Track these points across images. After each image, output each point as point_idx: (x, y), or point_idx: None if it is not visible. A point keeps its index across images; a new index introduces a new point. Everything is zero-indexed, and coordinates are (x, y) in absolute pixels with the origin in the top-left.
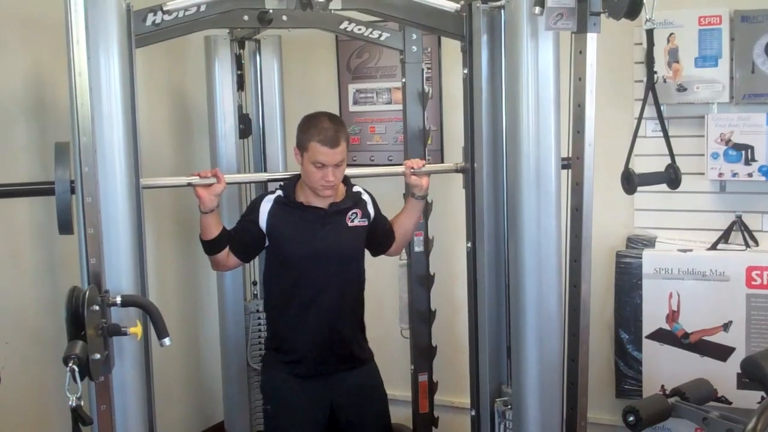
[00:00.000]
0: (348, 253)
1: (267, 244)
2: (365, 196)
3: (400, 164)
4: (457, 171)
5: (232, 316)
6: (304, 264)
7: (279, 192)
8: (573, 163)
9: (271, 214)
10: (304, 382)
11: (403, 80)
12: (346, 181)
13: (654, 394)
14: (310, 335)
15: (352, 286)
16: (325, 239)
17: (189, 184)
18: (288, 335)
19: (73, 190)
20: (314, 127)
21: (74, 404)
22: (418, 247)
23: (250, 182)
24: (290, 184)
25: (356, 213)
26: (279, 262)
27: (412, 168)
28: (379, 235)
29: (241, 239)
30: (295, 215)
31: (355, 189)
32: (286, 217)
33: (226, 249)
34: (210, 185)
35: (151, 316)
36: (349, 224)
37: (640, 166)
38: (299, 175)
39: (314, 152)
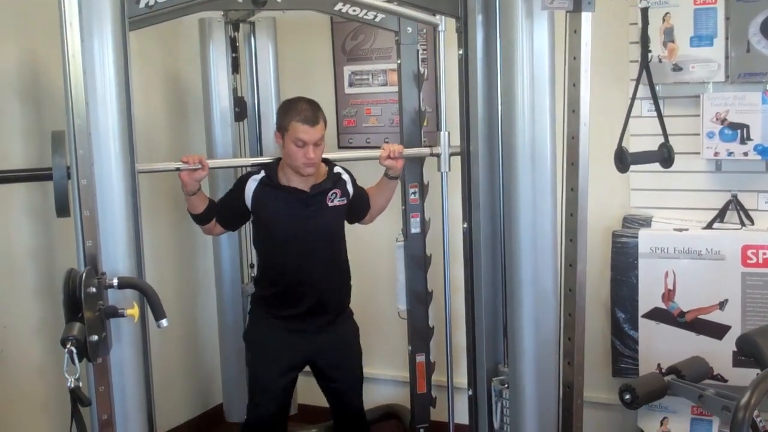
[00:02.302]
0: (329, 230)
1: (252, 218)
2: (345, 176)
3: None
4: (432, 155)
5: (229, 299)
6: (288, 241)
7: (263, 173)
8: (568, 142)
9: (256, 194)
10: (286, 333)
11: (399, 62)
12: (328, 162)
13: (650, 373)
14: (294, 300)
15: (335, 257)
16: (307, 219)
17: (177, 169)
18: (274, 296)
19: (69, 176)
20: (293, 109)
21: (73, 385)
22: (415, 229)
23: (232, 167)
24: (273, 167)
25: (336, 193)
26: (264, 237)
27: (389, 153)
28: (357, 208)
29: (227, 214)
30: (279, 197)
31: (336, 170)
32: (270, 198)
33: (213, 220)
34: (195, 171)
35: (148, 297)
36: (330, 204)
37: (635, 146)
38: (280, 158)
39: (295, 131)
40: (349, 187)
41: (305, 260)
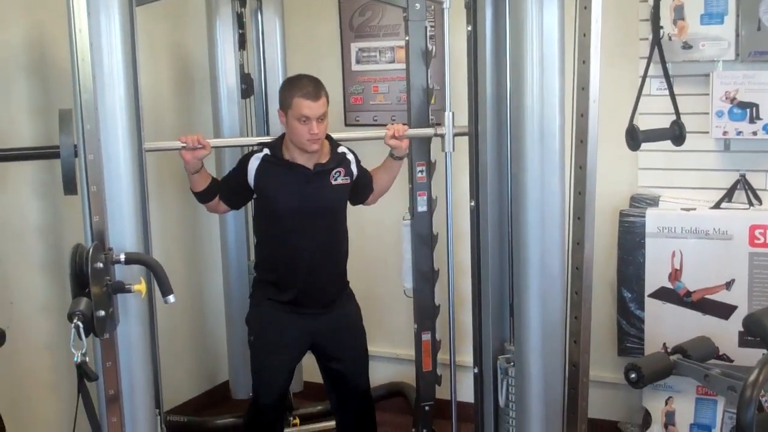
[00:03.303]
0: (331, 209)
1: (255, 197)
2: (350, 156)
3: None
4: (436, 135)
5: (236, 276)
6: (289, 218)
7: (266, 150)
8: (577, 120)
9: (259, 171)
10: (288, 316)
11: (407, 38)
12: (331, 141)
13: (656, 352)
14: (295, 280)
15: (335, 237)
16: (309, 196)
17: (184, 148)
18: (275, 278)
19: (76, 154)
20: (295, 86)
21: (79, 360)
22: (422, 207)
23: (234, 146)
24: (277, 143)
25: (339, 172)
26: (266, 214)
27: (394, 133)
28: (360, 188)
29: (230, 193)
30: (282, 173)
31: (340, 150)
32: (273, 175)
33: (216, 197)
34: (196, 149)
35: (155, 273)
36: (333, 183)
37: (644, 125)
38: (284, 134)
39: (298, 107)
40: (353, 168)
41: (306, 237)
